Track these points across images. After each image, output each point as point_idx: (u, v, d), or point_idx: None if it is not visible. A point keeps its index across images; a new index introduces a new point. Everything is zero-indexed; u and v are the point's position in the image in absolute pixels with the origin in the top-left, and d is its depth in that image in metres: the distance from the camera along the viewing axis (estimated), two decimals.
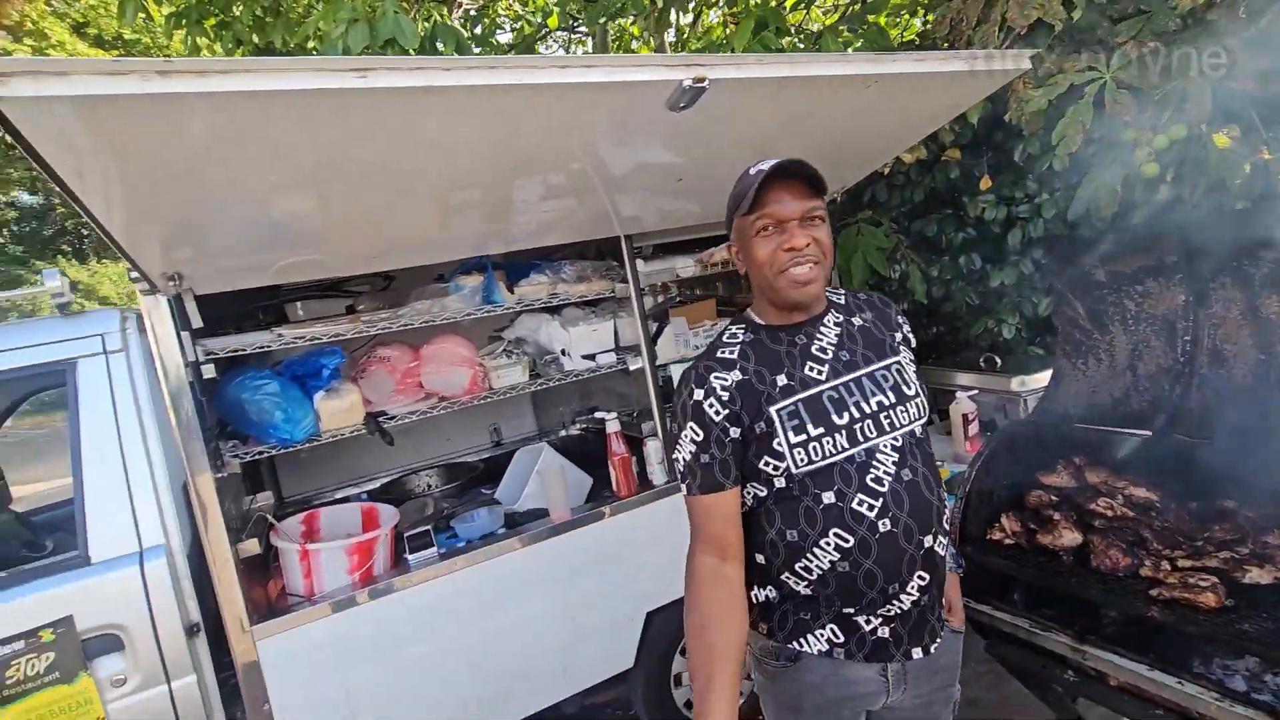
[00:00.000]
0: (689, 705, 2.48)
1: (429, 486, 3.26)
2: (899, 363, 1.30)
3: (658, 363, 2.52)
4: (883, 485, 1.19)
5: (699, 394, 1.22)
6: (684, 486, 1.25)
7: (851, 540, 1.18)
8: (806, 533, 1.21)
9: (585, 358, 2.50)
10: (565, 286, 2.42)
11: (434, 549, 2.15)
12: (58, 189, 1.18)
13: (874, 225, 3.15)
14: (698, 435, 1.22)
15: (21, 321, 1.96)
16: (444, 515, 2.47)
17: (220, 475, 1.85)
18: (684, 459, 1.24)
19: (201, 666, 1.82)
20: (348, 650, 1.95)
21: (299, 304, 2.35)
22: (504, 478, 2.69)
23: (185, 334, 1.77)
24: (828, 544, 1.19)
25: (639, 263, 2.51)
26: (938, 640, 1.27)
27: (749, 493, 1.25)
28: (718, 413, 1.21)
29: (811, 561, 1.21)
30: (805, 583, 1.23)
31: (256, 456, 1.98)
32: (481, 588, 2.13)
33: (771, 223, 1.21)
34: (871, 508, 1.18)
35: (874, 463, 1.20)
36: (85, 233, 20.08)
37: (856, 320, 1.32)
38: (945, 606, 1.33)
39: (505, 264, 2.47)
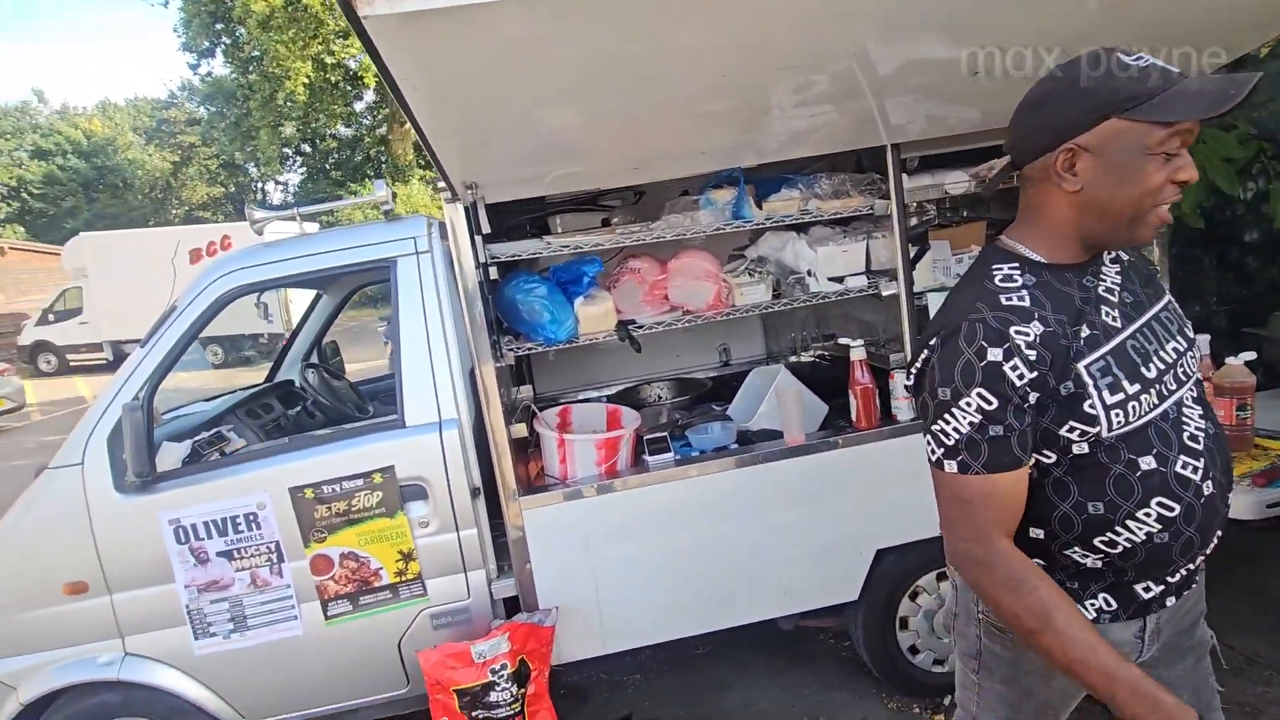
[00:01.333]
0: (914, 650, 2.38)
1: (659, 398, 3.43)
2: (1171, 300, 1.14)
3: (914, 290, 2.30)
4: (1199, 443, 1.05)
5: (995, 353, 0.99)
6: (952, 463, 1.04)
7: (1177, 509, 1.03)
8: (1118, 504, 1.04)
9: (832, 280, 2.36)
10: (818, 202, 2.28)
11: (671, 454, 2.26)
12: (396, 103, 1.36)
13: (1223, 130, 2.47)
14: (989, 404, 1.00)
15: (357, 225, 2.37)
16: (678, 425, 2.58)
17: (499, 365, 2.12)
18: (961, 431, 1.02)
19: (481, 523, 2.16)
20: (593, 531, 2.17)
21: (558, 217, 2.53)
22: (736, 396, 2.71)
23: (478, 238, 2.01)
24: (1148, 515, 1.03)
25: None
26: (1193, 585, 1.16)
27: (1033, 461, 1.08)
28: (1021, 376, 1.00)
29: (1120, 535, 1.05)
30: (1100, 556, 1.08)
31: (526, 352, 2.22)
32: (712, 496, 2.21)
33: (1180, 144, 0.96)
34: (1195, 470, 1.04)
35: (1184, 419, 1.06)
36: (384, 159, 23.94)
37: (1124, 254, 1.14)
38: None
39: (754, 178, 2.40)
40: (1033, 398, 1.01)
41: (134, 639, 2.06)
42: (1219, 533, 1.09)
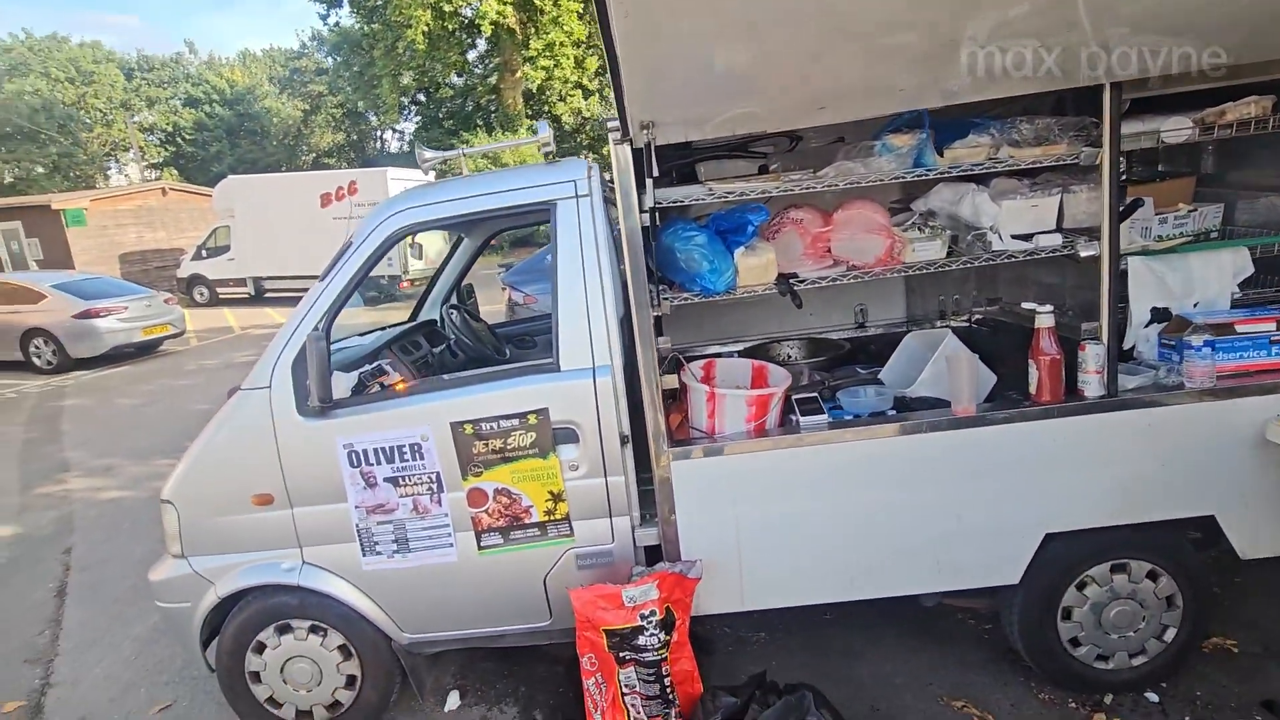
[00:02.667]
0: (1075, 643, 2.20)
1: (789, 357, 3.31)
2: None
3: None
4: None
5: None
6: None
7: None
8: None
9: (1017, 238, 2.14)
10: (1011, 150, 2.05)
11: (824, 415, 2.16)
12: (601, 37, 1.30)
13: None
14: None
15: (521, 167, 2.37)
16: (826, 386, 2.47)
17: (655, 314, 2.08)
18: None
19: (628, 470, 2.17)
20: (740, 488, 2.13)
21: (706, 164, 2.42)
22: (890, 360, 2.56)
23: (649, 180, 1.95)
24: None
25: None
26: None
27: None
28: None
29: None
30: None
31: (682, 301, 2.16)
32: (866, 463, 2.11)
33: None
34: None
35: None
36: (494, 109, 24.36)
37: None
38: None
39: (933, 122, 2.18)
40: None
41: (311, 550, 2.24)
42: None
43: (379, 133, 35.69)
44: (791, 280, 2.12)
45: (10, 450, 6.43)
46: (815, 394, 2.30)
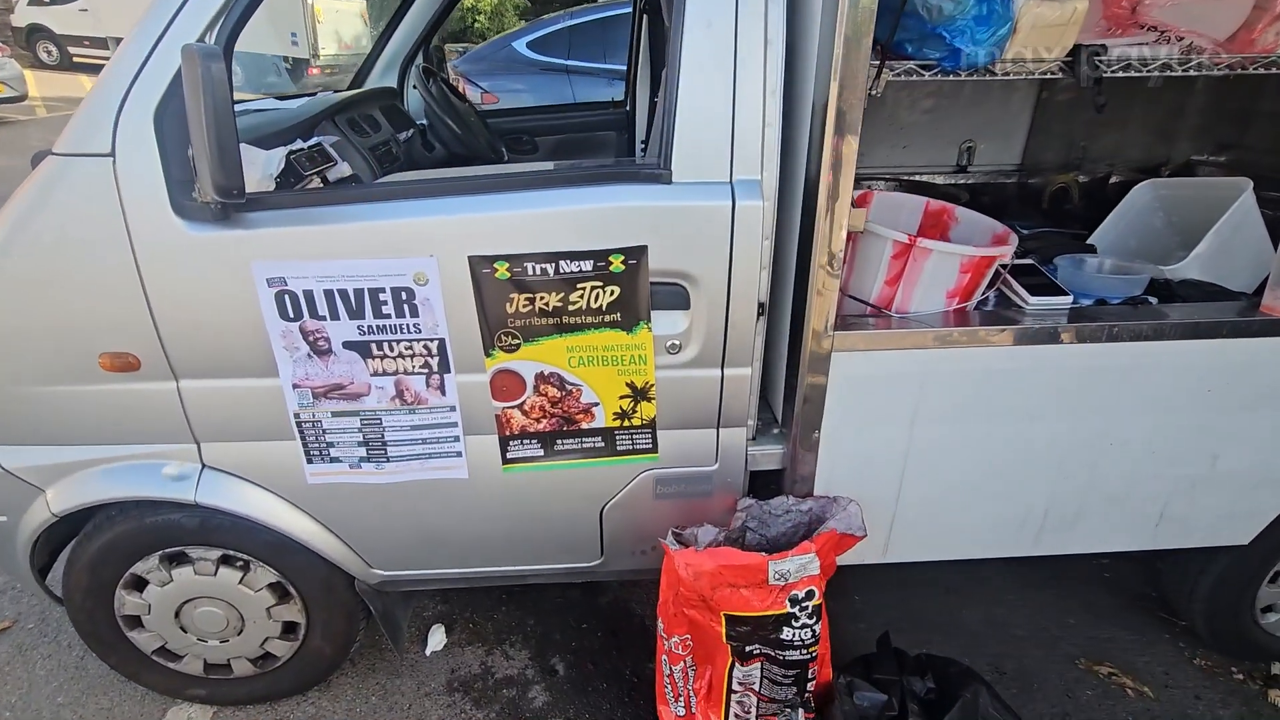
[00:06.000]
0: (1270, 609, 1.72)
1: None
2: None
3: None
4: None
5: None
6: None
7: None
8: None
9: None
10: None
11: (1066, 298, 1.40)
12: None
13: None
14: None
15: None
16: (1027, 253, 1.67)
17: (871, 94, 1.15)
18: None
19: (757, 358, 1.34)
20: (926, 398, 1.37)
21: None
22: (1109, 219, 1.76)
23: None
24: None
25: None
26: None
27: None
28: None
29: None
30: None
31: (907, 78, 1.22)
32: (1104, 373, 1.38)
33: None
34: None
35: None
36: None
37: None
38: None
39: None
40: None
41: (214, 448, 1.35)
42: None
43: None
44: (1096, 57, 1.21)
45: None
46: (1030, 261, 1.52)
